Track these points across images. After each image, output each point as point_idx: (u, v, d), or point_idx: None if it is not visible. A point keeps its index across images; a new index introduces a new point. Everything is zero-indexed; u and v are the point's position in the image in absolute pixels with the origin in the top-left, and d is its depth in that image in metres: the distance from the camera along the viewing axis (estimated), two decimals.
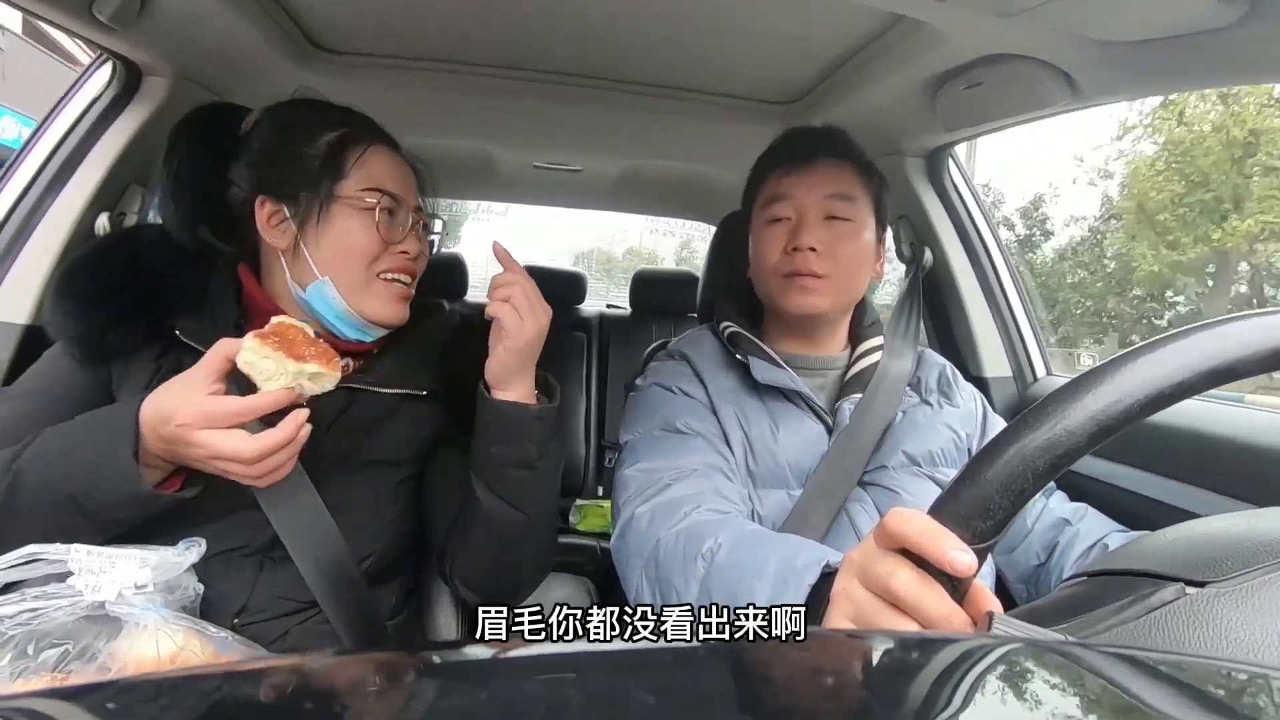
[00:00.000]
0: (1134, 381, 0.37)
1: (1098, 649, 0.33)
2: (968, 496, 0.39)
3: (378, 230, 0.79)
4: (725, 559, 0.69)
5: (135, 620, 0.60)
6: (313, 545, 0.76)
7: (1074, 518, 0.94)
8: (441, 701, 0.27)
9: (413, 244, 0.83)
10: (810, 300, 0.94)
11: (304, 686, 0.27)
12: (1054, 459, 0.37)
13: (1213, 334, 0.38)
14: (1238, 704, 0.28)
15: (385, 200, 0.80)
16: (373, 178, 0.79)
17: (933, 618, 0.38)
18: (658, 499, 0.82)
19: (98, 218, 1.10)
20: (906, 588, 0.39)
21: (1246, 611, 0.36)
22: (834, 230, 0.94)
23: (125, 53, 1.05)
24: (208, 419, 0.63)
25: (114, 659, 0.59)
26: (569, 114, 1.43)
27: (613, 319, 2.51)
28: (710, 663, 0.31)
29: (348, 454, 0.81)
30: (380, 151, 0.82)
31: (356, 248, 0.78)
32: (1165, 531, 0.47)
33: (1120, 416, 0.37)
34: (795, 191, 0.96)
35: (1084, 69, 0.93)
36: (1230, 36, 0.74)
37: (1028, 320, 1.43)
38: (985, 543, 0.38)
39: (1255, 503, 0.87)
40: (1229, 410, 0.99)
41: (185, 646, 0.61)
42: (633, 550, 0.80)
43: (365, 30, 1.19)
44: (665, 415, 0.93)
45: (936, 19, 0.90)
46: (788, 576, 0.59)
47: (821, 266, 0.93)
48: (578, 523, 2.10)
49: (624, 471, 0.90)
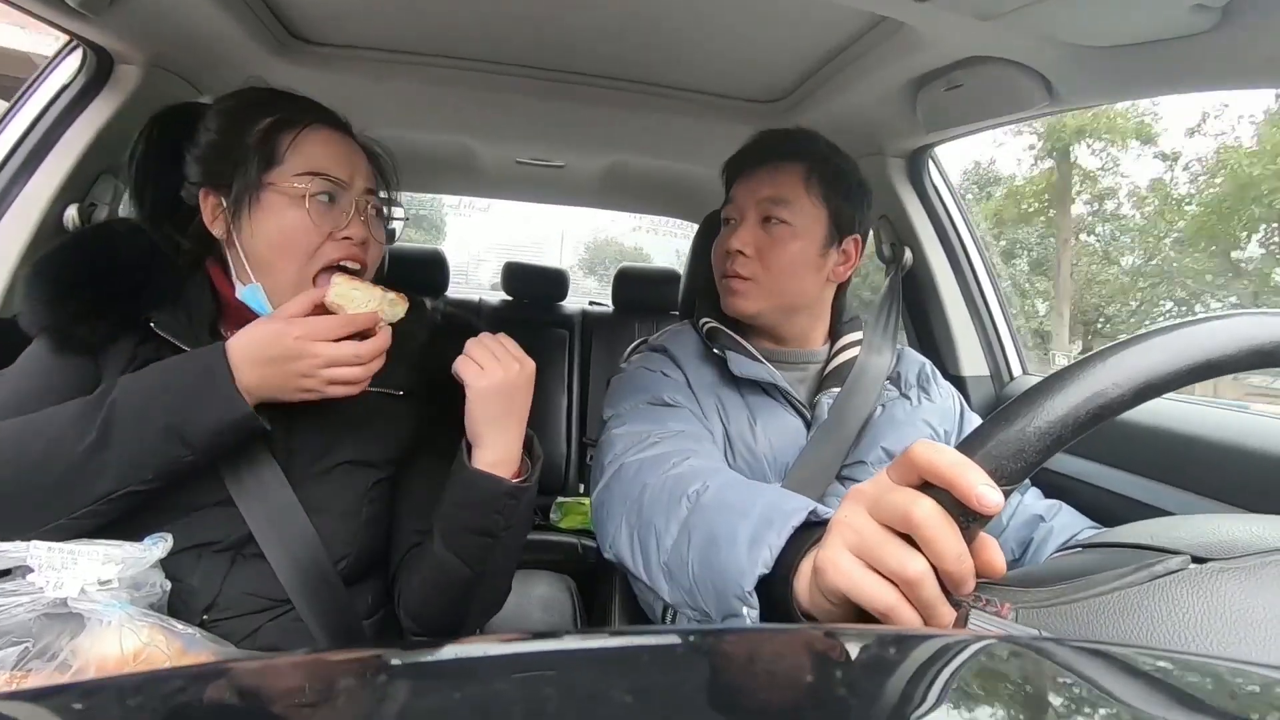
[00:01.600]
0: (1185, 347, 0.38)
1: (1071, 644, 0.33)
2: (1002, 436, 0.38)
3: (310, 217, 0.76)
4: (711, 499, 0.69)
5: (99, 617, 0.59)
6: (288, 544, 0.75)
7: (1048, 514, 0.95)
8: (417, 701, 0.26)
9: (357, 229, 0.79)
10: (738, 302, 0.97)
11: (276, 686, 0.27)
12: (1096, 409, 0.38)
13: (1259, 319, 0.40)
14: (1210, 698, 0.29)
15: (321, 184, 0.77)
16: (309, 161, 0.77)
17: (946, 553, 0.37)
18: (647, 453, 0.81)
19: (66, 209, 1.07)
20: (930, 518, 0.37)
21: (1249, 587, 0.37)
22: (768, 233, 0.96)
23: (96, 40, 1.02)
24: (321, 333, 0.70)
25: (76, 656, 0.57)
26: (552, 110, 1.42)
27: (595, 316, 2.50)
28: (688, 659, 0.31)
29: (323, 453, 0.79)
30: (319, 133, 0.79)
31: (291, 237, 0.76)
32: (1167, 519, 0.48)
33: (1168, 379, 0.38)
34: (738, 195, 0.99)
35: (1061, 73, 0.94)
36: (1203, 44, 0.76)
37: (1004, 320, 1.45)
38: (1009, 486, 0.38)
39: (1225, 500, 0.89)
40: (1199, 409, 1.01)
41: (150, 643, 0.60)
42: (616, 498, 0.79)
43: (345, 21, 1.18)
44: (652, 391, 0.93)
45: (918, 21, 0.91)
46: (773, 517, 0.58)
47: (748, 269, 0.95)
48: (559, 520, 2.09)
49: (611, 433, 0.89)
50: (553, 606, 1.60)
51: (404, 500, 0.85)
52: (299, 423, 0.78)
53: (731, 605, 0.58)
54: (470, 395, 0.74)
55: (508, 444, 0.75)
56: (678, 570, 0.67)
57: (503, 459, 0.75)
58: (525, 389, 0.77)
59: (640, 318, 2.45)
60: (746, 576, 0.56)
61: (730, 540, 0.60)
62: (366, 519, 0.81)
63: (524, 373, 0.76)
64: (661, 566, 0.70)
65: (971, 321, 1.44)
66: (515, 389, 0.75)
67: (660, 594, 0.71)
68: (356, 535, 0.80)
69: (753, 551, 0.57)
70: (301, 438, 0.79)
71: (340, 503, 0.80)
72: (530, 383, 0.77)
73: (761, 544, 0.56)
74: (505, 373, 0.74)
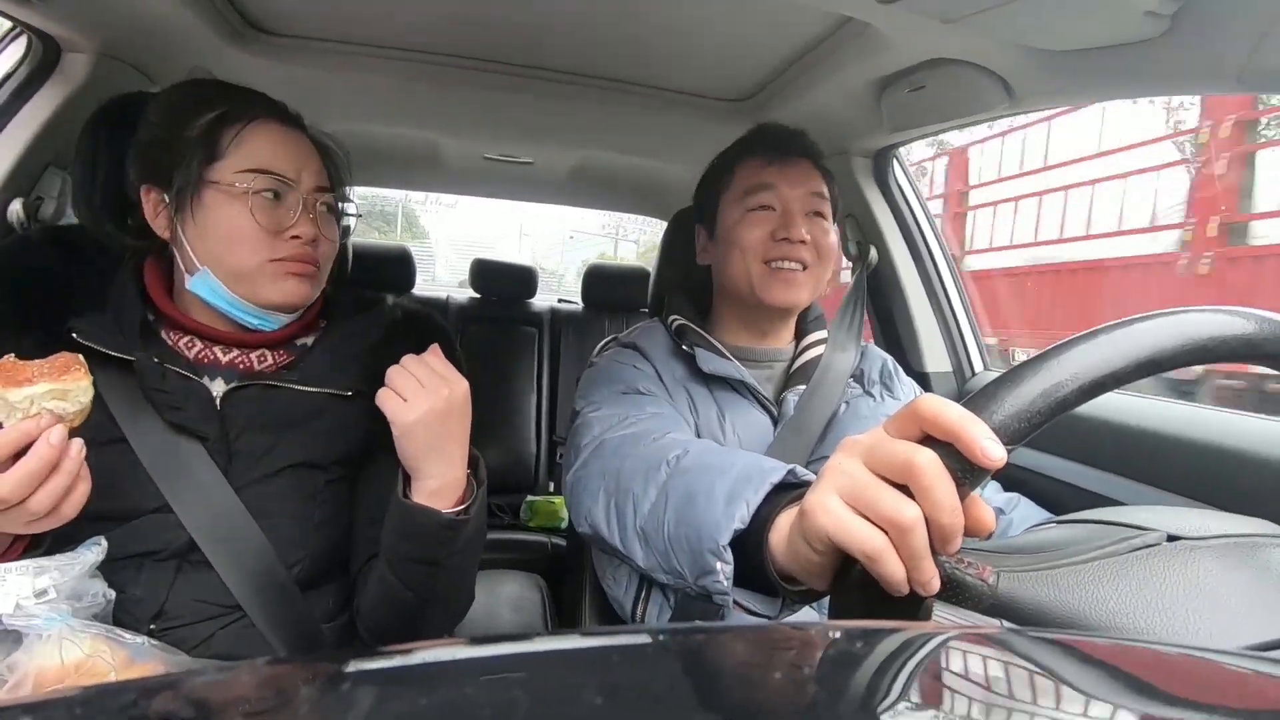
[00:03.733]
0: (1192, 329, 0.40)
1: (1032, 635, 0.34)
2: (1008, 396, 0.39)
3: (254, 216, 0.73)
4: (690, 462, 0.68)
5: (37, 631, 0.56)
6: (234, 550, 0.72)
7: (1008, 507, 0.98)
8: (382, 707, 0.26)
9: (305, 228, 0.75)
10: (793, 293, 0.96)
11: (231, 696, 0.26)
12: (1100, 379, 0.39)
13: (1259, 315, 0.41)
14: (1168, 684, 0.30)
15: (265, 181, 0.74)
16: (252, 157, 0.74)
17: (942, 503, 0.37)
18: (626, 430, 0.81)
19: (11, 204, 1.03)
20: (931, 466, 0.37)
21: (1221, 564, 0.39)
22: (817, 226, 0.97)
23: (41, 26, 0.98)
24: None
25: (13, 671, 0.55)
26: (520, 105, 1.41)
27: (564, 314, 2.49)
28: (658, 658, 0.31)
29: (266, 456, 0.76)
30: (266, 128, 0.76)
31: (234, 236, 0.73)
32: (1138, 506, 0.51)
33: (1171, 357, 0.39)
34: (780, 183, 0.97)
35: (1020, 75, 0.96)
36: (1155, 49, 0.78)
37: (966, 317, 1.48)
38: (1011, 445, 0.38)
39: (1175, 491, 0.92)
40: (1152, 404, 1.04)
41: (94, 654, 0.57)
42: (595, 473, 0.79)
43: (304, 12, 1.15)
44: (625, 381, 0.93)
45: (883, 23, 0.92)
46: (751, 474, 0.57)
47: (809, 258, 0.96)
48: (528, 519, 2.08)
49: (587, 417, 0.88)
50: (523, 606, 1.59)
51: (360, 506, 0.82)
52: (239, 426, 0.76)
53: (705, 562, 0.58)
54: (396, 431, 0.68)
55: (447, 471, 0.71)
56: (653, 533, 0.67)
57: (445, 486, 0.71)
58: (460, 412, 0.71)
59: (610, 315, 2.45)
60: (722, 531, 0.56)
61: (707, 496, 0.60)
62: (319, 521, 0.78)
63: (455, 396, 0.70)
64: (637, 531, 0.69)
65: (935, 318, 1.47)
66: (448, 415, 0.69)
67: (634, 560, 0.71)
68: (309, 539, 0.77)
69: (729, 507, 0.57)
70: (242, 441, 0.76)
71: (289, 506, 0.77)
72: (466, 403, 0.72)
73: (739, 499, 0.56)
74: (432, 401, 0.68)
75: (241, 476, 0.75)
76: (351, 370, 0.81)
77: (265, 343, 0.80)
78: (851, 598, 0.41)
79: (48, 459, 0.57)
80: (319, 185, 0.79)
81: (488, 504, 0.78)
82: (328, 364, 0.81)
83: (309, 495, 0.78)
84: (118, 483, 0.69)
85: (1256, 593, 0.39)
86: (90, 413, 0.62)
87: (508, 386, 2.28)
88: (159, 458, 0.72)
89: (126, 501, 0.70)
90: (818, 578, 0.45)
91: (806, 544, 0.43)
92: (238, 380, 0.78)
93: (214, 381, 0.78)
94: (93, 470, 0.63)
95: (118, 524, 0.70)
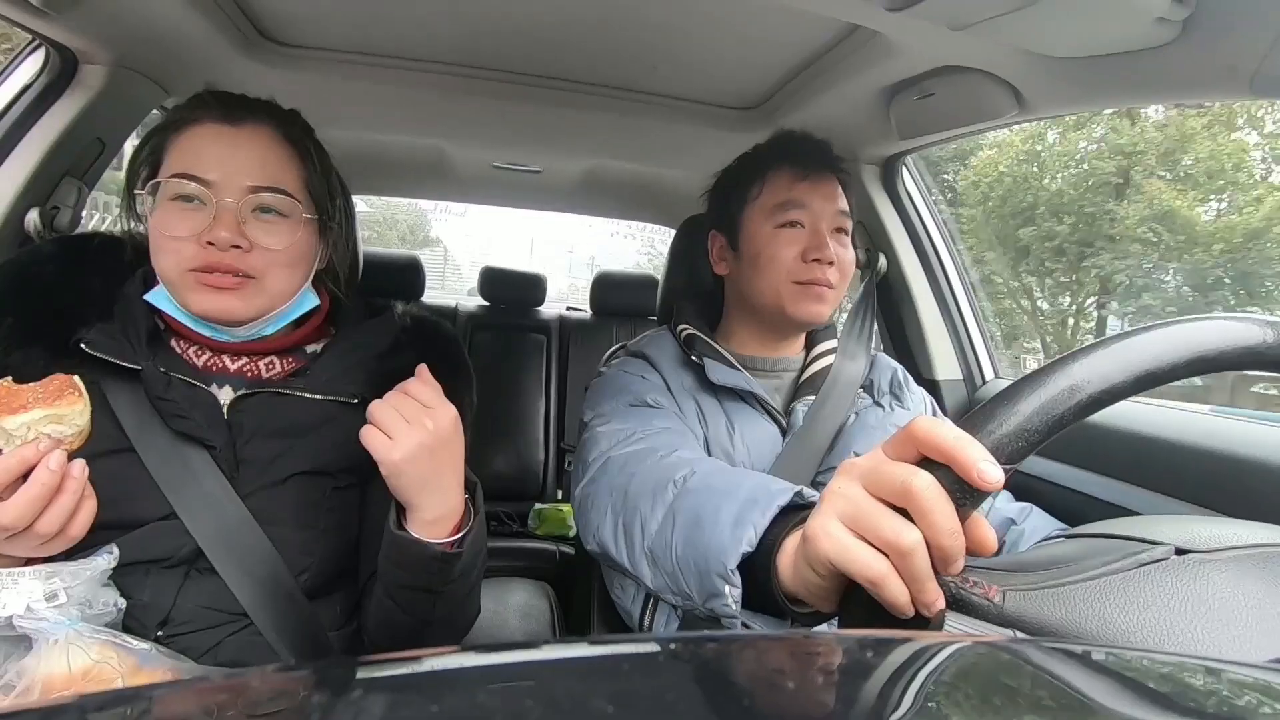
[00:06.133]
0: (1183, 342, 0.40)
1: (1044, 646, 0.34)
2: (1005, 415, 0.38)
3: (167, 221, 0.72)
4: (698, 483, 0.68)
5: (46, 635, 0.57)
6: (241, 558, 0.72)
7: (1020, 517, 0.96)
8: (391, 714, 0.26)
9: (220, 233, 0.71)
10: (821, 309, 0.97)
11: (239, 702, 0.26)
12: (1097, 394, 0.38)
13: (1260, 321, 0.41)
14: (1182, 697, 0.29)
15: (178, 185, 0.72)
16: (178, 161, 0.73)
17: (942, 527, 0.37)
18: (634, 447, 0.81)
19: (28, 213, 1.04)
20: (928, 490, 0.37)
21: (1230, 577, 0.38)
22: (841, 244, 0.97)
23: (59, 39, 1.00)
24: None
25: (21, 676, 0.55)
26: (529, 114, 1.42)
27: (573, 321, 2.49)
28: (668, 666, 0.31)
29: (274, 464, 0.76)
30: (199, 130, 0.74)
31: (157, 245, 0.73)
32: (1146, 516, 0.50)
33: (1169, 369, 0.39)
34: (812, 201, 0.96)
35: (1030, 83, 0.96)
36: (1165, 56, 0.78)
37: (977, 325, 1.47)
38: (1009, 465, 0.38)
39: (1190, 500, 0.91)
40: (1165, 412, 1.03)
41: (101, 660, 0.58)
42: (603, 490, 0.79)
43: (316, 22, 1.16)
44: (634, 392, 0.93)
45: (891, 31, 0.92)
46: (758, 497, 0.57)
47: (835, 278, 0.96)
48: (536, 528, 2.07)
49: (595, 431, 0.88)
50: (531, 614, 1.59)
51: (366, 518, 0.82)
52: (246, 433, 0.76)
53: (714, 585, 0.58)
54: (383, 470, 0.66)
55: (441, 504, 0.69)
56: (661, 554, 0.67)
57: (442, 515, 0.69)
58: (449, 441, 0.68)
59: (618, 323, 2.45)
60: (730, 554, 0.56)
61: (714, 519, 0.60)
62: (326, 529, 0.78)
63: (442, 426, 0.67)
64: (645, 552, 0.69)
65: (945, 326, 1.47)
66: (436, 448, 0.66)
67: (643, 580, 0.70)
68: (317, 547, 0.77)
69: (736, 530, 0.57)
70: (250, 448, 0.76)
71: (297, 514, 0.76)
72: (455, 430, 0.69)
73: (746, 523, 0.56)
74: (419, 436, 0.65)
75: (249, 484, 0.75)
76: (359, 378, 0.81)
77: (273, 350, 0.81)
78: (858, 620, 0.41)
79: (49, 484, 0.58)
80: (255, 186, 0.74)
81: (496, 512, 0.77)
82: (336, 371, 0.81)
83: (316, 503, 0.78)
84: (125, 492, 0.69)
85: (1269, 606, 0.39)
86: (90, 433, 0.64)
87: (516, 394, 2.28)
88: (165, 466, 0.72)
89: (133, 510, 0.70)
90: (824, 600, 0.44)
91: (810, 568, 0.43)
92: (246, 388, 0.78)
93: (222, 389, 0.78)
94: (100, 479, 0.63)
95: (124, 532, 0.70)
